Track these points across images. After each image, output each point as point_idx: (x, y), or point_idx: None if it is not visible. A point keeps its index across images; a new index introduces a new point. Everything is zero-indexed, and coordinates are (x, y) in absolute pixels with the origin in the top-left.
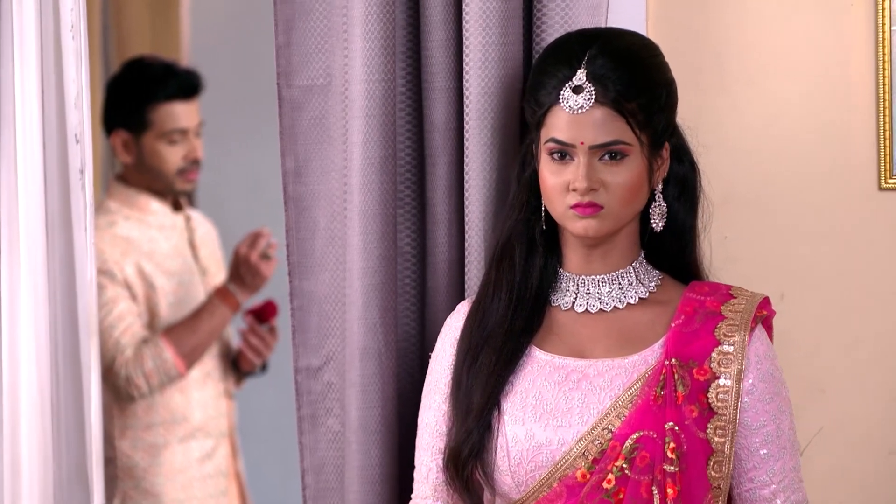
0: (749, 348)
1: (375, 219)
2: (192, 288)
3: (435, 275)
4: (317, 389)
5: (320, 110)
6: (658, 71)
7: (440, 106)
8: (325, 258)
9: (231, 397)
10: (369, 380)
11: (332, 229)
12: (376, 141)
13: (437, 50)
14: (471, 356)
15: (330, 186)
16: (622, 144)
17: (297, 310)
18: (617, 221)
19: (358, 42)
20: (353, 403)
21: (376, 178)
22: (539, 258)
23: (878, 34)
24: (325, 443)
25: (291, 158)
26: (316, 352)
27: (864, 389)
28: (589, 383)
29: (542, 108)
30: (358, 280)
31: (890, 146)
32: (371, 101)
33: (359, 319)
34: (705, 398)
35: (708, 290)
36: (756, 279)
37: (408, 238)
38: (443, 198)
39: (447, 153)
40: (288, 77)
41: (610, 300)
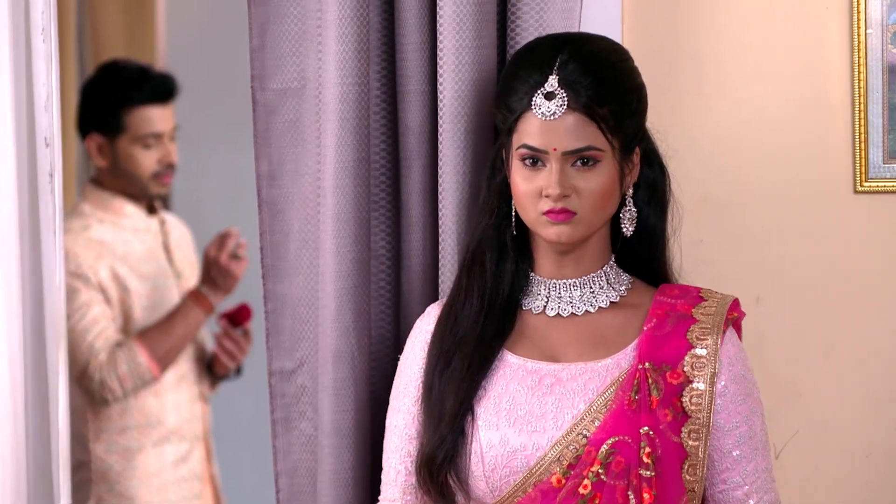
0: (721, 351)
1: (349, 222)
2: (166, 291)
3: (409, 278)
4: (290, 393)
5: (294, 113)
6: (629, 76)
7: (415, 109)
8: (298, 261)
9: (206, 401)
10: (342, 383)
11: (306, 233)
12: (350, 144)
13: (411, 53)
14: (443, 361)
15: (303, 190)
16: (594, 150)
17: (271, 313)
18: (589, 227)
19: (332, 45)
20: (326, 407)
21: (350, 182)
22: (510, 263)
23: (854, 37)
24: (298, 446)
25: (265, 162)
26: (289, 355)
27: (842, 392)
28: (562, 387)
29: (514, 115)
30: (331, 283)
31: (865, 149)
32: (345, 104)
33: (332, 323)
34: (679, 402)
35: (678, 292)
36: (732, 282)
37: (382, 241)
38: (417, 201)
39: (422, 156)
40: (262, 80)
41: (581, 304)
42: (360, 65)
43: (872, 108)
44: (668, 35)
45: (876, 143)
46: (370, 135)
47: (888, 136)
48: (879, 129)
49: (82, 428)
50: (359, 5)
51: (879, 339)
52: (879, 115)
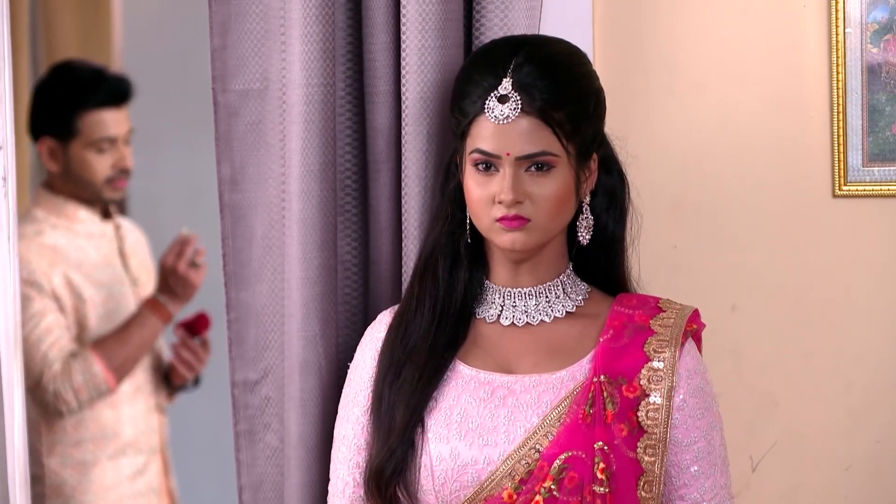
0: (679, 363)
1: (315, 227)
2: (122, 299)
3: (378, 285)
4: (254, 404)
5: (257, 115)
6: (586, 79)
7: (383, 110)
8: (262, 268)
9: (163, 412)
10: (309, 394)
11: (270, 238)
12: (316, 147)
13: (379, 53)
14: (393, 371)
15: (267, 194)
16: (549, 155)
17: (234, 322)
18: (544, 234)
19: (296, 45)
20: (292, 418)
21: (316, 186)
22: (464, 271)
23: (832, 37)
24: (263, 459)
25: (227, 165)
26: (253, 365)
27: (820, 403)
28: (515, 400)
29: (467, 118)
30: (297, 291)
31: (844, 151)
32: (310, 105)
33: (298, 332)
34: (635, 416)
35: (636, 303)
36: (707, 289)
37: (349, 247)
38: (386, 205)
39: (391, 159)
40: (223, 81)
41: (537, 313)
42: (325, 65)
43: (851, 110)
44: (640, 35)
45: (855, 145)
46: (336, 137)
47: (868, 138)
48: (859, 132)
49: (36, 441)
50: (324, 4)
51: (859, 347)
52: (859, 117)
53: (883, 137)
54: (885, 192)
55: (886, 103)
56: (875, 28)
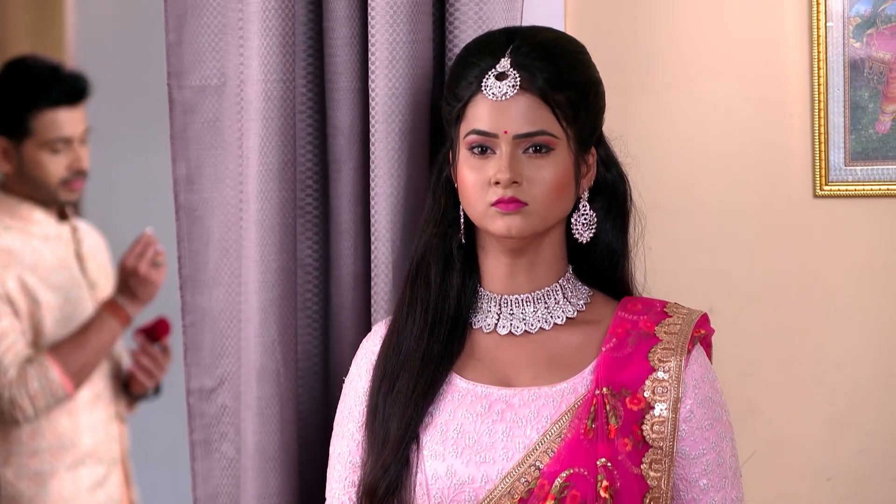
0: (686, 372)
1: (273, 229)
2: (79, 303)
3: (339, 289)
4: (210, 412)
5: (214, 113)
6: (586, 67)
7: (344, 108)
8: (219, 272)
9: (123, 421)
10: (267, 402)
11: (227, 240)
12: (274, 145)
13: (340, 48)
14: (387, 383)
15: (224, 194)
16: (548, 136)
17: (189, 327)
18: (541, 221)
19: (255, 39)
20: (249, 428)
21: (274, 186)
22: (456, 276)
23: (813, 31)
24: (219, 470)
25: (183, 164)
26: (209, 372)
27: (801, 411)
28: (514, 414)
29: (462, 101)
30: (254, 295)
31: (826, 150)
32: (269, 102)
33: (255, 337)
34: (639, 430)
35: (641, 307)
36: (683, 293)
37: (309, 250)
38: (348, 206)
39: (352, 158)
40: (179, 77)
41: (535, 321)
42: (285, 60)
43: (833, 107)
44: (614, 30)
45: (837, 144)
46: (296, 136)
47: (850, 136)
48: (840, 129)
49: None
50: None
51: (840, 353)
52: (840, 115)
53: (866, 135)
54: (867, 192)
55: (869, 100)
56: (857, 22)
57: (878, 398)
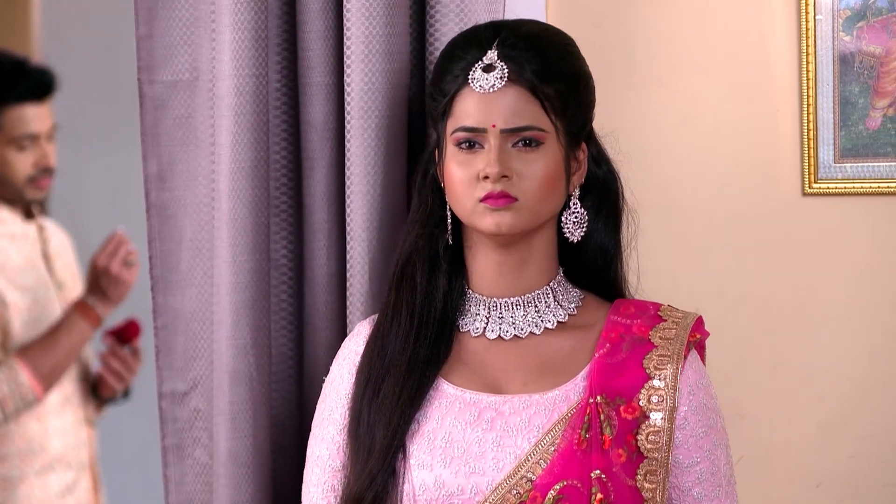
0: (680, 378)
1: (246, 228)
2: (47, 304)
3: (313, 290)
4: (183, 417)
5: (186, 108)
6: (575, 59)
7: (318, 104)
8: (191, 272)
9: (92, 425)
10: (240, 407)
11: (199, 240)
12: (247, 142)
13: (314, 42)
14: (371, 388)
15: (196, 192)
16: (537, 130)
17: (161, 329)
18: (532, 217)
19: (227, 33)
20: (222, 433)
21: (247, 184)
22: (443, 278)
23: (801, 24)
24: (192, 476)
25: (154, 162)
26: (182, 375)
27: (789, 415)
28: (504, 423)
29: (448, 96)
30: (227, 296)
31: (815, 147)
32: (241, 98)
33: (228, 340)
34: (634, 440)
35: (634, 310)
36: (669, 293)
37: (283, 250)
38: (322, 205)
39: (326, 156)
40: (150, 72)
41: (525, 325)
42: (257, 54)
43: (822, 102)
44: (597, 24)
45: (826, 140)
46: (269, 132)
47: (840, 132)
48: (830, 126)
49: None
50: None
51: (830, 356)
52: (830, 110)
53: (856, 131)
54: (858, 189)
55: (859, 95)
56: (848, 15)
57: (869, 402)
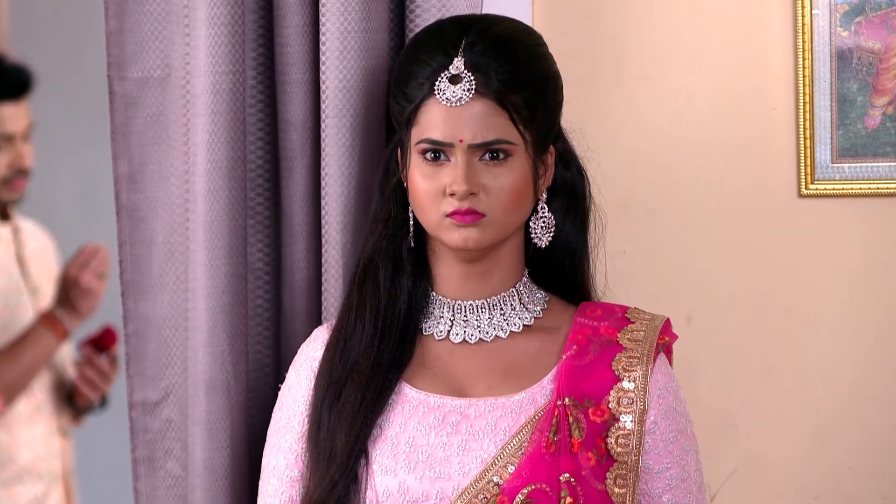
0: (650, 381)
1: (222, 231)
2: (19, 309)
3: (292, 295)
4: (155, 427)
5: (158, 106)
6: (543, 61)
7: (297, 101)
8: (163, 276)
9: (65, 435)
10: (216, 416)
11: (173, 243)
12: (223, 142)
13: (292, 37)
14: (332, 393)
15: (169, 194)
16: (505, 143)
17: (132, 336)
18: (500, 231)
19: (202, 28)
20: (197, 444)
21: (223, 185)
22: (406, 279)
23: (797, 19)
24: (164, 489)
25: (125, 162)
26: (154, 384)
27: (784, 425)
28: (469, 426)
29: (413, 103)
30: (203, 301)
31: (811, 147)
32: (217, 96)
33: (204, 347)
34: (604, 443)
35: (601, 313)
36: (658, 299)
37: (260, 253)
38: (301, 207)
39: (305, 156)
40: (120, 68)
41: (490, 328)
42: (234, 50)
43: (819, 100)
44: (582, 17)
45: (823, 140)
46: (246, 131)
47: (837, 131)
48: (827, 124)
49: None
50: None
51: (826, 363)
52: (827, 108)
53: (854, 130)
54: (855, 191)
55: (858, 93)
56: (845, 9)
57: (866, 410)
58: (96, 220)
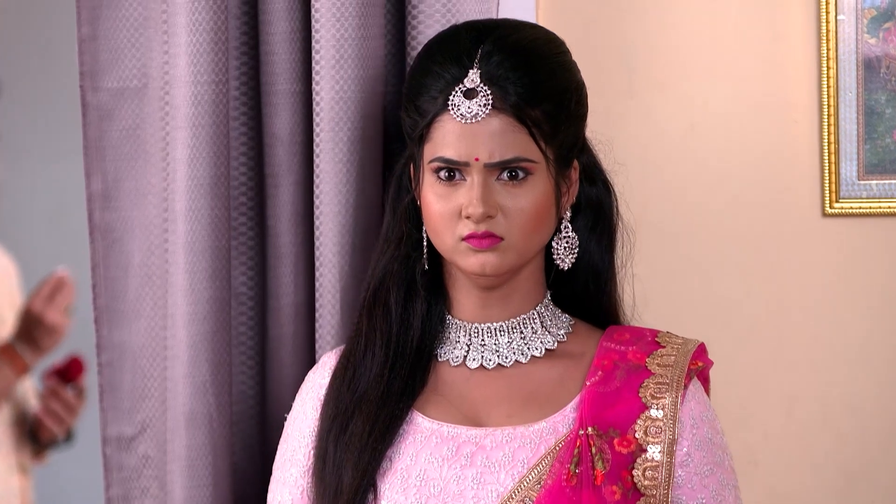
0: (682, 410)
1: (204, 253)
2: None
3: (278, 322)
4: (130, 464)
5: (135, 119)
6: (566, 71)
7: (284, 114)
8: (140, 302)
9: (26, 473)
10: (198, 452)
11: (150, 266)
12: (206, 157)
13: (279, 45)
14: (338, 424)
15: (147, 213)
16: (525, 161)
17: (106, 366)
18: (519, 256)
19: (183, 35)
20: (176, 482)
21: (205, 203)
22: (420, 303)
23: (821, 25)
24: None
25: (98, 178)
26: (129, 417)
27: (808, 461)
28: (485, 458)
29: (426, 118)
30: (183, 329)
31: (836, 162)
32: (199, 107)
33: (184, 378)
34: (630, 476)
35: (629, 337)
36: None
37: (244, 276)
38: (288, 227)
39: (293, 172)
40: (94, 78)
41: (510, 353)
42: (216, 59)
43: (845, 112)
44: (592, 24)
45: (849, 154)
46: (230, 145)
47: (864, 146)
48: (854, 138)
49: None
50: None
51: (852, 394)
52: (854, 121)
53: (882, 145)
54: (884, 210)
55: (886, 104)
56: (873, 14)
57: (894, 445)
58: (67, 241)
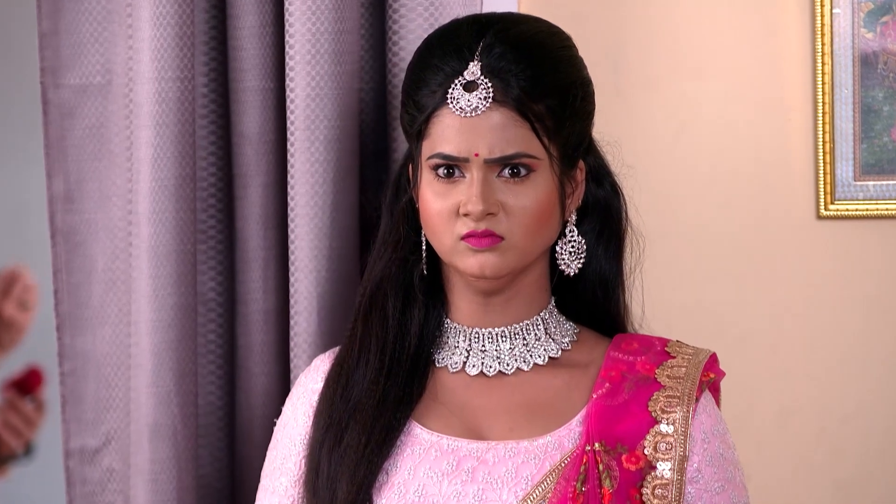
0: (693, 424)
1: (170, 257)
2: None
3: (247, 329)
4: (94, 478)
5: (98, 117)
6: (571, 65)
7: (253, 112)
8: (104, 308)
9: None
10: (162, 465)
11: (114, 271)
12: (171, 157)
13: (248, 39)
14: (332, 435)
15: (110, 215)
16: (527, 158)
17: (69, 375)
18: (521, 257)
19: (146, 29)
20: (140, 496)
21: (171, 205)
22: (418, 309)
23: (816, 19)
24: None
25: (60, 179)
26: (93, 429)
27: (803, 475)
28: (487, 473)
29: (424, 113)
30: (147, 336)
31: (832, 162)
32: (164, 105)
33: (148, 387)
34: (638, 494)
35: (638, 346)
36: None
37: (212, 282)
38: (257, 230)
39: (262, 173)
40: (55, 74)
41: (511, 360)
42: (182, 54)
43: (840, 111)
44: (576, 15)
45: (845, 155)
46: (196, 145)
47: (861, 145)
48: (850, 138)
49: None
50: None
51: (848, 404)
52: (850, 119)
53: (879, 144)
54: (880, 212)
55: (884, 102)
56: (870, 8)
57: (891, 457)
58: (28, 245)
